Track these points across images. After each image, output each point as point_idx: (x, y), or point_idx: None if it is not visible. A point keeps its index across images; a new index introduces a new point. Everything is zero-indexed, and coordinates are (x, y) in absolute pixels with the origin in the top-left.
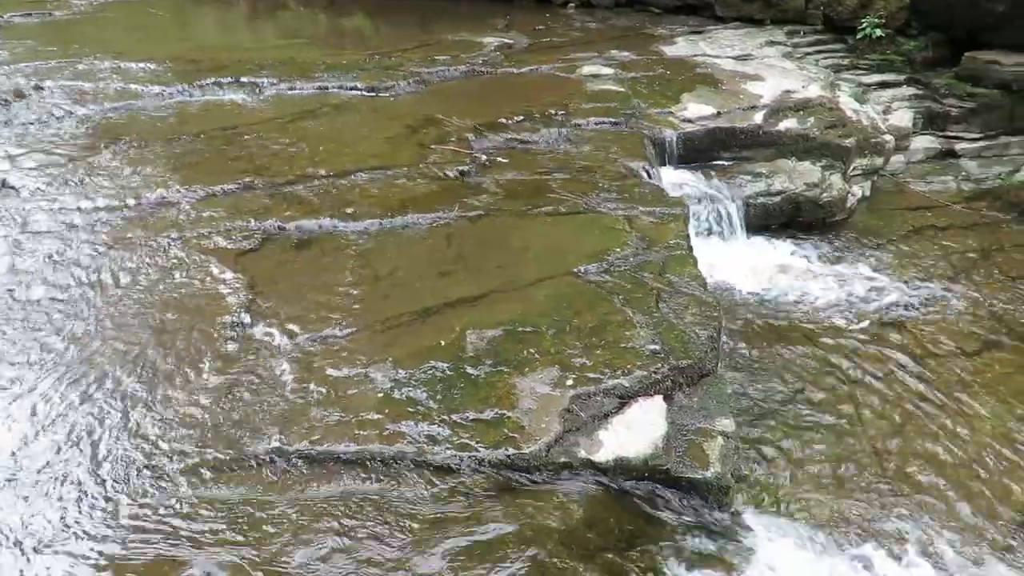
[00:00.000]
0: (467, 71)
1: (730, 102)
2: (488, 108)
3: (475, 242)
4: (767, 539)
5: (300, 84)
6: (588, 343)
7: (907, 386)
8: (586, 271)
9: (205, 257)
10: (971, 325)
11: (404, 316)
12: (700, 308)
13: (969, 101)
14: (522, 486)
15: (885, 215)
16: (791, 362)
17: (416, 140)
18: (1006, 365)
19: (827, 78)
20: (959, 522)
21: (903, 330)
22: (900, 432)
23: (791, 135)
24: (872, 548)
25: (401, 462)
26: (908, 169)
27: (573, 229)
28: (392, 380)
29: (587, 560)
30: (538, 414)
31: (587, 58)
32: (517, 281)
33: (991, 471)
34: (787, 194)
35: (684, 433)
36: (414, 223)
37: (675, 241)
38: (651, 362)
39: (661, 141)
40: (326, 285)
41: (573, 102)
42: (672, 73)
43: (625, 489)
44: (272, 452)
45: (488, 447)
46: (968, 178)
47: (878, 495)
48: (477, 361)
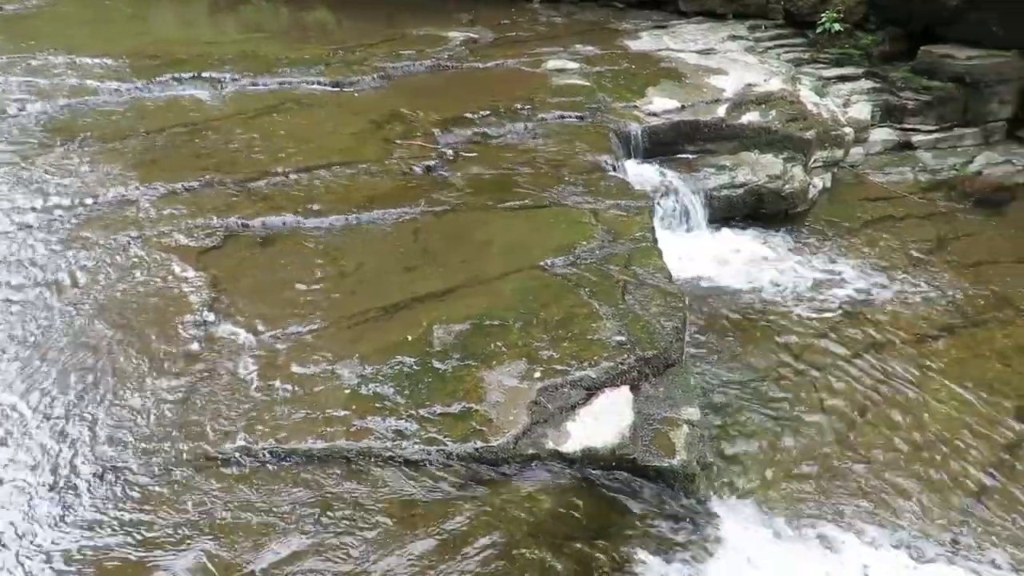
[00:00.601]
0: (432, 66)
1: (694, 96)
2: (454, 103)
3: (441, 237)
4: (733, 524)
5: (263, 79)
6: (555, 335)
7: (868, 372)
8: (552, 264)
9: (166, 255)
10: (928, 312)
11: (371, 312)
12: (665, 299)
13: (925, 94)
14: (491, 478)
15: (845, 206)
16: (755, 351)
17: (381, 135)
18: (961, 350)
19: (788, 72)
20: (919, 503)
21: (863, 318)
22: (862, 417)
23: (754, 128)
24: (836, 530)
25: (369, 458)
26: (867, 161)
27: (539, 223)
28: (359, 376)
29: (556, 550)
30: (506, 407)
31: (552, 53)
32: (484, 275)
33: (948, 454)
34: (750, 186)
35: (650, 422)
36: (380, 219)
37: (640, 234)
38: (617, 353)
39: (626, 135)
40: (291, 282)
41: (539, 96)
42: (637, 67)
43: (593, 479)
44: (238, 451)
45: (456, 441)
46: (924, 169)
47: (842, 479)
48: (444, 355)
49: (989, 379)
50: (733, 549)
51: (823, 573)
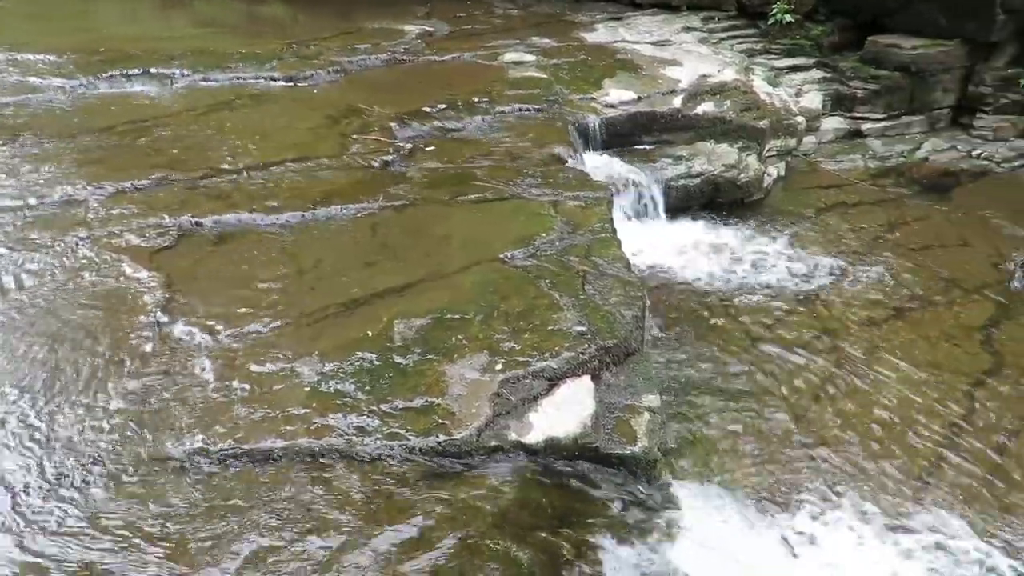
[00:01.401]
0: (388, 59)
1: (650, 87)
2: (411, 96)
3: (401, 231)
4: (696, 509)
5: (215, 75)
6: (516, 327)
7: (823, 356)
8: (513, 256)
9: (117, 256)
10: (879, 295)
11: (330, 308)
12: (625, 289)
13: (873, 83)
14: (454, 471)
15: (799, 194)
16: (714, 337)
17: (338, 130)
18: (911, 332)
19: (741, 62)
20: (875, 481)
21: (818, 302)
22: (818, 400)
23: (709, 118)
24: (796, 510)
25: (331, 455)
26: (819, 149)
27: (499, 216)
28: (319, 373)
29: (520, 540)
30: (468, 399)
31: (509, 45)
32: (444, 269)
33: (901, 432)
34: (707, 176)
35: (612, 411)
36: (338, 214)
37: (599, 224)
38: (578, 343)
39: (584, 126)
40: (248, 280)
41: (496, 89)
42: (593, 59)
43: (556, 469)
44: (195, 453)
45: (419, 435)
46: (874, 156)
47: (799, 460)
48: (406, 350)
49: (938, 359)
50: (695, 533)
51: (784, 552)
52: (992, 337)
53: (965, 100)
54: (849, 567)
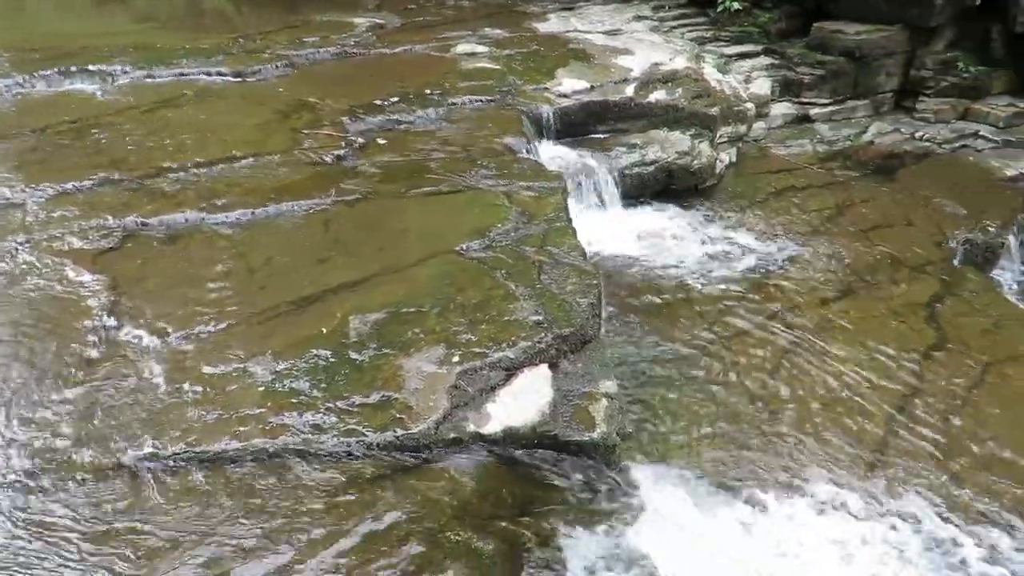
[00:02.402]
0: (338, 53)
1: (602, 76)
2: (362, 90)
3: (354, 226)
4: (654, 491)
5: (158, 71)
6: (472, 319)
7: (776, 336)
8: (468, 248)
9: (59, 260)
10: (829, 275)
11: (282, 306)
12: (580, 277)
13: (819, 69)
14: (414, 465)
15: (751, 179)
16: (670, 322)
17: (288, 125)
18: (860, 310)
19: (692, 50)
20: (830, 455)
21: (771, 284)
22: (772, 379)
23: (661, 106)
24: (753, 488)
25: (287, 455)
26: (769, 134)
27: (454, 208)
28: (273, 372)
29: (481, 530)
30: (425, 393)
31: (461, 36)
32: (399, 263)
33: (853, 407)
34: (660, 163)
35: (570, 398)
36: (289, 211)
37: (554, 214)
38: (535, 332)
39: (538, 117)
40: (197, 280)
41: (449, 81)
42: (545, 49)
43: (516, 458)
44: (146, 458)
45: (376, 430)
46: (822, 141)
47: (756, 439)
48: (361, 346)
49: (886, 336)
50: (655, 514)
51: (742, 529)
52: (936, 313)
53: (907, 84)
54: (806, 540)
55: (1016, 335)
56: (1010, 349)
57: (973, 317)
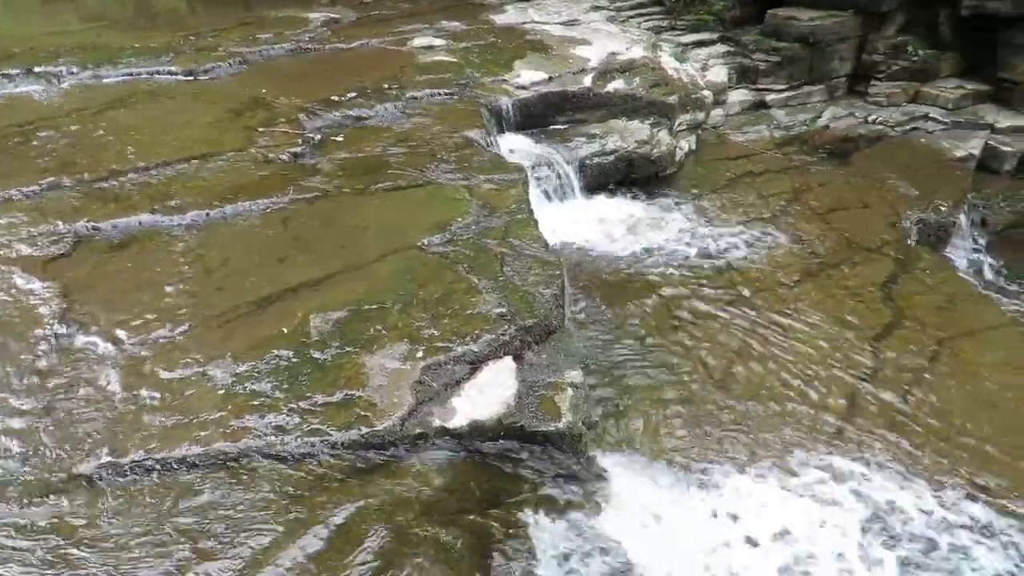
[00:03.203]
0: (293, 49)
1: (561, 67)
2: (319, 86)
3: (314, 224)
4: (622, 477)
5: (106, 71)
6: (435, 313)
7: (739, 319)
8: (429, 243)
9: (7, 268)
10: (789, 259)
11: (241, 307)
12: (543, 268)
13: (774, 55)
14: (380, 463)
15: (710, 165)
16: (634, 310)
17: (242, 124)
18: (820, 290)
19: (649, 40)
20: (793, 433)
21: (732, 268)
22: (736, 362)
23: (619, 95)
24: (719, 469)
25: (250, 457)
26: (727, 121)
27: (414, 203)
28: (233, 375)
29: (449, 524)
30: (389, 390)
31: (418, 30)
32: (360, 260)
33: (815, 386)
34: (620, 152)
35: (535, 389)
36: (246, 210)
37: (515, 205)
38: (498, 325)
39: (497, 109)
40: (152, 285)
41: (406, 75)
42: (503, 41)
43: (483, 451)
44: (103, 468)
45: (340, 429)
46: (779, 126)
47: (720, 421)
48: (323, 345)
49: (845, 315)
50: (623, 502)
51: (709, 510)
52: (892, 292)
53: (860, 68)
54: (772, 517)
55: (968, 311)
56: (963, 325)
57: (927, 295)
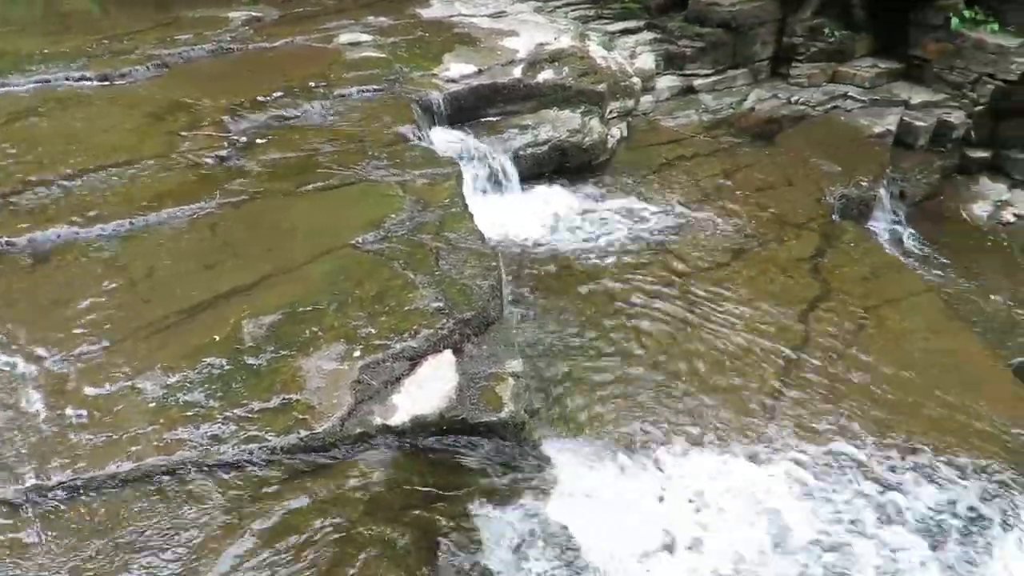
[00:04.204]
0: (214, 49)
1: (489, 59)
2: (243, 87)
3: (243, 228)
4: (567, 463)
5: (14, 79)
6: (372, 311)
7: (675, 301)
8: (363, 241)
9: None
10: (721, 238)
11: (170, 317)
12: (479, 260)
13: (699, 41)
14: (322, 465)
15: (642, 151)
16: (573, 297)
17: (164, 128)
18: (752, 267)
19: (576, 29)
20: (731, 411)
21: (667, 252)
22: (675, 342)
23: (549, 85)
24: (662, 450)
25: (185, 469)
26: (657, 107)
27: (346, 201)
28: (164, 387)
29: (394, 521)
30: (328, 391)
31: (343, 26)
32: (292, 262)
33: (750, 363)
34: (553, 142)
35: (476, 381)
36: (171, 217)
37: (450, 200)
38: (436, 319)
39: (428, 103)
40: (74, 299)
41: (334, 72)
42: (431, 35)
43: (426, 446)
44: (29, 491)
45: (279, 434)
46: (707, 110)
47: (661, 402)
48: (257, 350)
49: (776, 291)
50: (569, 486)
51: (656, 491)
52: (819, 266)
53: (781, 51)
54: (716, 491)
55: (890, 280)
56: (886, 294)
57: (852, 267)
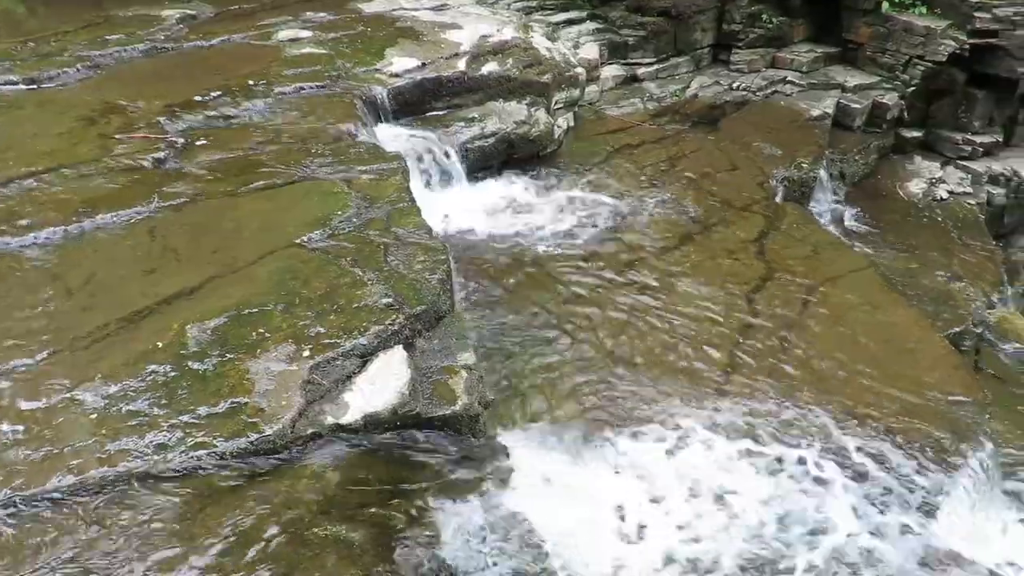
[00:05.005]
0: (148, 49)
1: (433, 53)
2: (179, 87)
3: (184, 232)
4: (523, 452)
5: None
6: (321, 310)
7: (625, 287)
8: (310, 240)
9: None
10: (669, 224)
11: (111, 325)
12: (428, 255)
13: (641, 30)
14: (274, 467)
15: (589, 141)
16: (524, 288)
17: (97, 132)
18: (699, 253)
19: (519, 20)
20: (682, 392)
21: (616, 239)
22: (625, 328)
23: (494, 78)
24: (616, 434)
25: (131, 480)
26: (602, 97)
27: (291, 200)
28: (105, 397)
29: (349, 520)
30: (277, 393)
31: (282, 23)
32: (237, 263)
33: (700, 341)
34: (500, 134)
35: (429, 375)
36: (108, 223)
37: (396, 195)
38: (386, 315)
39: (372, 99)
40: (5, 312)
41: (273, 70)
42: (373, 30)
43: (381, 442)
44: None
45: (228, 439)
46: (651, 98)
47: (614, 386)
48: (203, 355)
49: (723, 273)
50: (526, 475)
51: (610, 472)
52: (764, 247)
53: (721, 38)
54: (669, 472)
55: (831, 258)
56: (827, 272)
57: (795, 247)
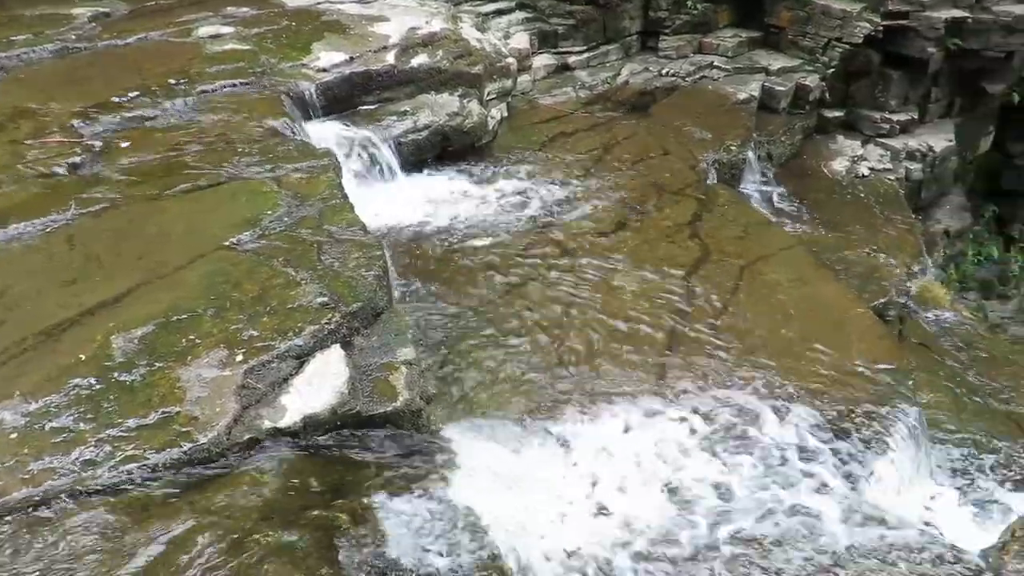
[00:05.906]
0: (59, 49)
1: (361, 46)
2: (94, 88)
3: (105, 238)
4: (468, 446)
5: None
6: (253, 312)
7: (565, 275)
8: (239, 241)
9: None
10: (605, 210)
11: (28, 340)
12: (363, 251)
13: (570, 19)
14: (210, 476)
15: (524, 131)
16: (463, 281)
17: (6, 137)
18: (635, 238)
19: (448, 12)
20: (626, 376)
21: (553, 228)
22: (566, 316)
23: (425, 70)
24: (560, 421)
25: (57, 500)
26: (535, 86)
27: (218, 201)
28: (25, 415)
29: (291, 525)
30: (210, 400)
31: (202, 19)
32: (163, 269)
33: (639, 325)
34: (433, 127)
35: (368, 373)
36: (21, 234)
37: (328, 192)
38: (322, 315)
39: (299, 95)
40: None
41: (195, 68)
42: (297, 24)
43: (322, 444)
44: None
45: (159, 450)
46: (583, 86)
47: (556, 374)
48: (130, 365)
49: (660, 256)
50: (472, 468)
51: (557, 462)
52: (698, 230)
53: (648, 25)
54: (617, 455)
55: (761, 237)
56: (758, 250)
57: (727, 228)
